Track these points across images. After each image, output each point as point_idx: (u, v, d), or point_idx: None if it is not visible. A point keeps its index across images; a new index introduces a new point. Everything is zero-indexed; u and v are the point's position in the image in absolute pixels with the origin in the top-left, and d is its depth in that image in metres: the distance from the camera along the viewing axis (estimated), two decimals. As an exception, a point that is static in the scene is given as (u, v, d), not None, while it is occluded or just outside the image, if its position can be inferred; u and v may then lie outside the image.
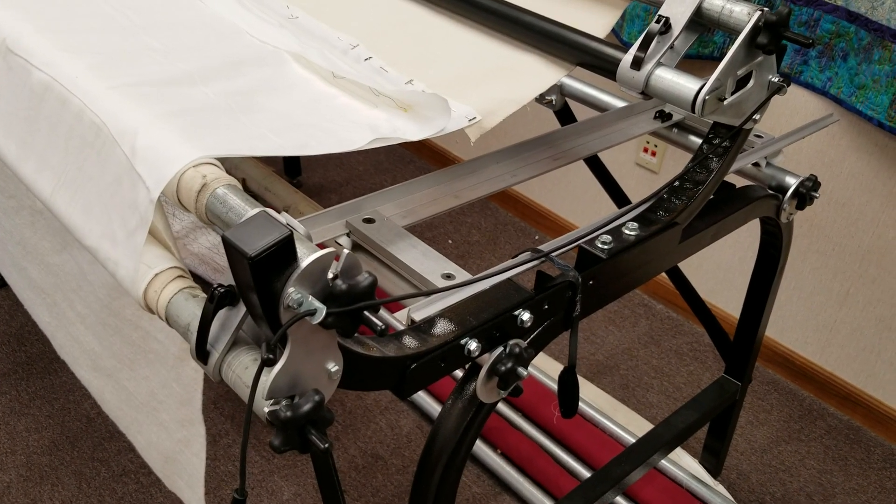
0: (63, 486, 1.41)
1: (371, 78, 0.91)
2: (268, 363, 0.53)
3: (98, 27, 0.88)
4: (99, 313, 0.93)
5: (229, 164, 1.52)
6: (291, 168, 2.36)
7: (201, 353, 0.60)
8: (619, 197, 1.42)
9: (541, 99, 1.36)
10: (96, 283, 0.91)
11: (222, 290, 0.58)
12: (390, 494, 1.46)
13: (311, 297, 0.53)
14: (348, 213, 0.85)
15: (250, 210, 0.60)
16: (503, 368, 0.73)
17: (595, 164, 1.40)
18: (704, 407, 1.34)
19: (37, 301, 1.13)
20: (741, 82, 0.83)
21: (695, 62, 1.66)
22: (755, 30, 0.79)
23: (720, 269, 1.88)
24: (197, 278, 1.83)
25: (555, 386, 1.63)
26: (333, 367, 0.59)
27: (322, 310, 0.52)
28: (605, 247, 0.83)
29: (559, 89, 1.33)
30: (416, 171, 2.47)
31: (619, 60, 0.85)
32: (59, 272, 1.01)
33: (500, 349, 0.74)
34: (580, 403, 1.61)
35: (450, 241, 2.16)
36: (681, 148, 1.16)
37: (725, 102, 0.82)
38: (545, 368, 1.66)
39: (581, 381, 1.76)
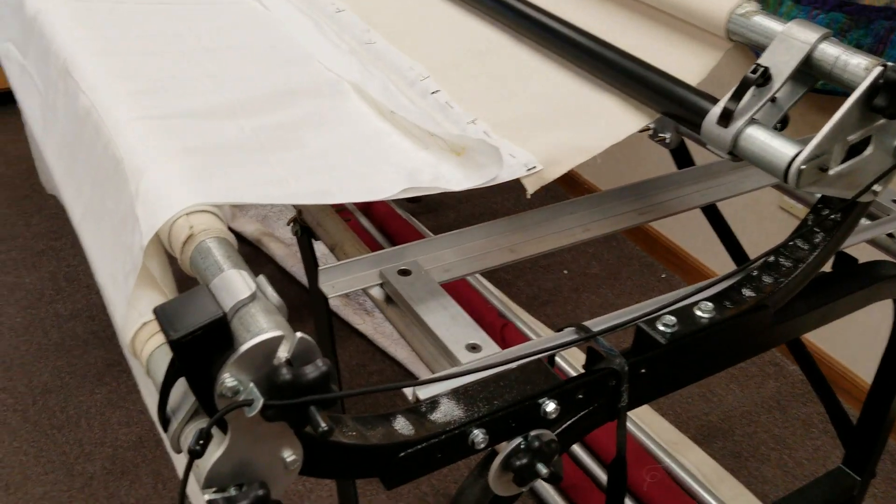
0: (140, 484, 1.44)
1: (431, 116, 0.84)
2: (194, 455, 0.47)
3: (159, 50, 0.86)
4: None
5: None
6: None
7: (162, 419, 0.55)
8: (737, 253, 1.26)
9: (654, 135, 1.23)
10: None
11: (185, 356, 0.53)
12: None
13: (251, 385, 0.47)
14: (386, 262, 0.78)
15: (225, 270, 0.54)
16: (518, 464, 0.64)
17: (711, 212, 1.25)
18: (816, 500, 1.17)
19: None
20: (856, 146, 0.69)
21: (829, 99, 1.46)
22: (873, 89, 0.65)
23: (867, 332, 1.65)
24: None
25: (653, 447, 1.50)
26: (290, 456, 0.52)
27: (259, 401, 0.46)
28: (668, 330, 0.71)
29: (675, 127, 1.20)
30: (540, 192, 2.38)
31: (707, 112, 0.73)
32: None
33: (518, 441, 0.64)
34: (678, 469, 1.46)
35: (565, 272, 2.05)
36: (803, 203, 1.00)
37: (831, 172, 0.68)
38: (645, 426, 1.53)
39: (687, 443, 1.61)
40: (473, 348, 0.69)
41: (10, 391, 1.62)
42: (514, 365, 0.66)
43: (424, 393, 0.64)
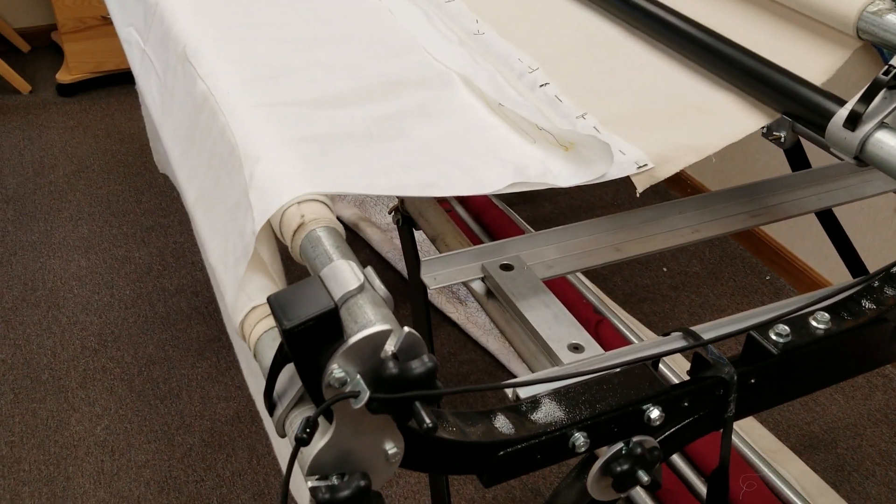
0: (236, 458, 1.49)
1: (539, 109, 0.82)
2: (301, 442, 0.48)
3: (273, 37, 0.88)
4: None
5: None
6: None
7: (268, 404, 0.56)
8: (853, 262, 1.20)
9: (768, 133, 1.18)
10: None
11: (291, 344, 0.54)
12: (543, 536, 1.38)
13: (357, 377, 0.47)
14: (487, 256, 0.78)
15: (334, 260, 0.55)
16: (618, 469, 0.63)
17: (826, 218, 1.19)
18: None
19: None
20: None
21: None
22: None
23: None
24: (393, 271, 1.86)
25: (751, 455, 1.44)
26: (392, 448, 0.52)
27: (365, 394, 0.46)
28: (780, 340, 0.68)
29: (790, 125, 1.14)
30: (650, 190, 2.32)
31: (834, 114, 0.69)
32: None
33: (620, 446, 0.63)
34: (776, 479, 1.41)
35: (664, 269, 2.00)
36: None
37: (971, 182, 0.64)
38: (744, 434, 1.47)
39: (787, 453, 1.54)
40: (576, 348, 0.68)
41: (117, 360, 1.70)
42: (618, 369, 0.65)
43: (525, 392, 0.63)
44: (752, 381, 0.67)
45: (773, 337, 0.68)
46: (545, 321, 0.70)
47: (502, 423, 0.60)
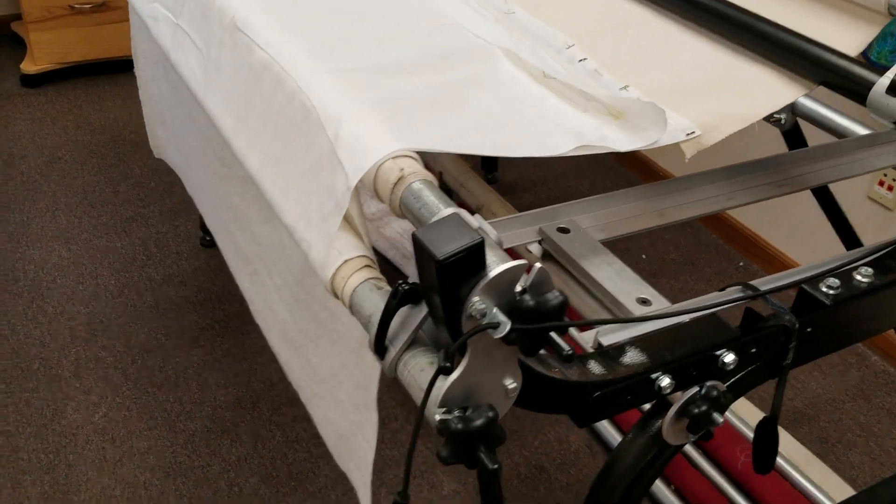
0: (241, 443, 1.49)
1: (583, 81, 0.86)
2: (444, 371, 0.50)
3: (321, 11, 0.90)
4: (293, 287, 0.96)
5: (427, 157, 1.53)
6: (488, 163, 2.35)
7: (379, 348, 0.58)
8: (848, 235, 1.27)
9: (769, 117, 1.24)
10: (293, 258, 0.94)
11: (406, 288, 0.56)
12: (550, 510, 1.41)
13: (495, 310, 0.49)
14: (542, 220, 0.80)
15: (443, 209, 0.58)
16: (696, 411, 0.66)
17: (823, 196, 1.26)
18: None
19: (240, 266, 1.18)
20: None
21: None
22: None
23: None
24: (385, 261, 1.87)
25: (744, 427, 1.51)
26: (511, 384, 0.55)
27: (506, 324, 0.49)
28: (831, 292, 0.73)
29: (791, 108, 1.21)
30: (615, 178, 2.39)
31: (872, 83, 0.74)
32: (263, 241, 1.05)
33: (696, 389, 0.67)
34: (769, 451, 1.47)
35: (643, 257, 2.06)
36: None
37: None
38: (736, 409, 1.54)
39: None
40: (644, 302, 0.71)
41: (109, 349, 1.68)
42: (688, 318, 0.69)
43: (607, 340, 0.66)
44: (809, 330, 0.72)
45: (825, 289, 0.73)
46: (609, 278, 0.74)
47: (594, 367, 0.63)
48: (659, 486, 1.42)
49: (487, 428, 0.52)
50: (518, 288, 0.51)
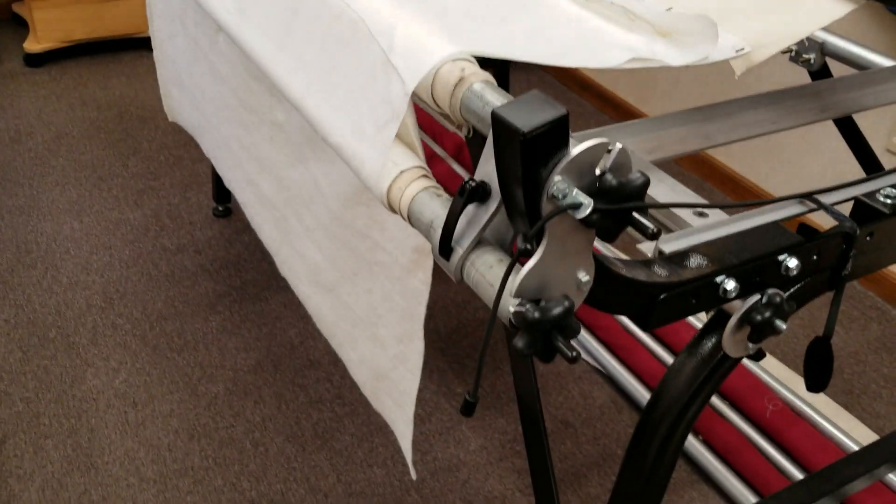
0: (264, 404, 1.47)
1: (627, 2, 0.84)
2: (524, 254, 0.49)
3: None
4: (328, 226, 0.94)
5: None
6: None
7: (444, 250, 0.57)
8: (874, 170, 1.26)
9: (797, 57, 1.23)
10: (329, 195, 0.92)
11: (474, 184, 0.55)
12: (578, 463, 1.40)
13: (576, 191, 0.48)
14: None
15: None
16: (759, 318, 0.65)
17: (849, 129, 1.25)
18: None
19: (266, 216, 1.17)
20: None
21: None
22: None
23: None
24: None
25: (769, 379, 1.50)
26: (584, 276, 0.54)
27: (589, 204, 0.47)
28: (890, 201, 0.72)
29: (820, 47, 1.19)
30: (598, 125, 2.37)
31: (928, -10, 0.73)
32: (292, 185, 1.03)
33: (758, 296, 0.65)
34: (797, 401, 1.47)
35: (660, 219, 2.05)
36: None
37: None
38: (761, 363, 1.53)
39: (798, 380, 1.61)
40: (701, 214, 0.70)
41: (126, 317, 1.66)
42: (748, 226, 0.68)
43: (669, 247, 0.65)
44: (868, 238, 0.71)
45: (882, 199, 0.72)
46: (665, 194, 0.72)
47: (660, 271, 0.62)
48: (689, 439, 1.41)
49: (565, 316, 0.51)
50: (598, 171, 0.49)
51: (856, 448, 1.36)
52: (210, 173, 2.03)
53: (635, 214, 0.49)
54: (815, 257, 0.68)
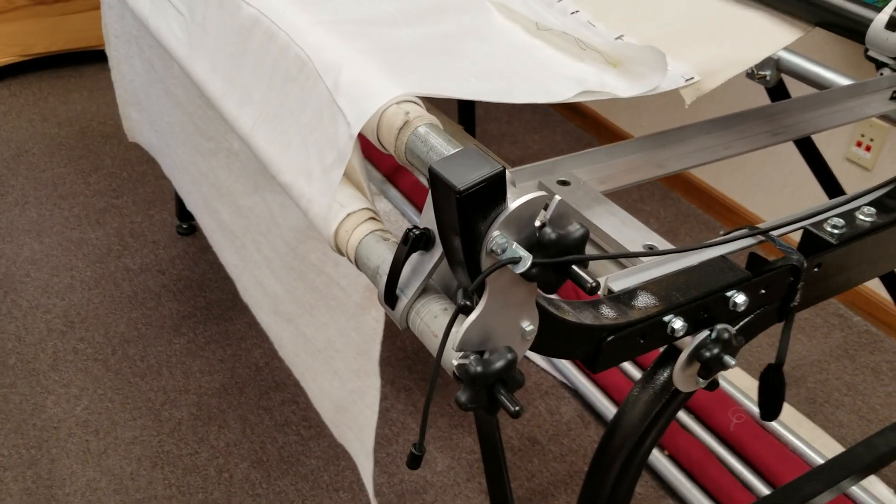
0: (229, 429, 1.46)
1: (578, 31, 0.85)
2: (463, 310, 0.48)
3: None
4: (284, 257, 0.93)
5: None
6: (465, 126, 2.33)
7: (390, 298, 0.56)
8: (831, 187, 1.27)
9: (753, 74, 1.24)
10: (284, 226, 0.91)
11: (417, 233, 0.54)
12: (546, 481, 1.40)
13: (515, 245, 0.48)
14: (542, 174, 0.79)
15: (452, 150, 0.56)
16: (708, 354, 0.65)
17: (807, 149, 1.26)
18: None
19: (226, 243, 1.15)
20: None
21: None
22: None
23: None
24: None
25: (734, 391, 1.51)
26: (528, 326, 0.53)
27: (527, 258, 0.47)
28: (836, 231, 0.72)
29: (775, 64, 1.20)
30: (566, 135, 2.38)
31: (870, 20, 0.74)
32: (250, 214, 1.02)
33: (707, 332, 0.66)
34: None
35: (626, 229, 2.06)
36: None
37: None
38: (725, 372, 1.54)
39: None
40: (651, 248, 0.70)
41: (88, 341, 1.64)
42: (695, 259, 0.68)
43: (617, 286, 0.65)
44: (816, 269, 0.72)
45: (830, 229, 0.73)
46: (615, 227, 0.73)
47: (607, 311, 0.62)
48: (653, 453, 1.42)
49: (508, 369, 0.51)
50: (537, 223, 0.49)
51: (819, 460, 1.37)
52: (174, 190, 2.01)
53: (574, 268, 0.48)
54: (763, 291, 0.68)
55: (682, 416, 1.48)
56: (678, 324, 0.63)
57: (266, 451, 1.42)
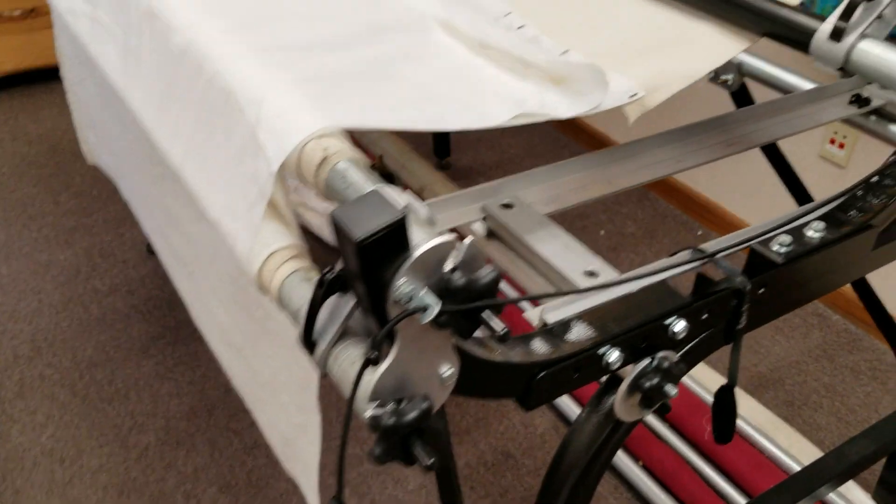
0: (197, 453, 1.44)
1: (523, 47, 0.82)
2: (370, 363, 0.46)
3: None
4: (228, 287, 0.91)
5: (369, 140, 1.49)
6: (441, 148, 2.31)
7: (308, 342, 0.54)
8: (799, 193, 1.26)
9: (715, 78, 1.22)
10: (226, 257, 0.89)
11: (332, 276, 0.52)
12: (519, 497, 1.38)
13: (423, 291, 0.46)
14: (486, 197, 0.77)
15: (368, 188, 0.54)
16: (647, 385, 0.63)
17: (773, 154, 1.24)
18: (884, 438, 1.17)
19: (178, 269, 1.13)
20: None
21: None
22: None
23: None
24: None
25: (709, 397, 1.49)
26: (447, 370, 0.51)
27: (434, 307, 0.45)
28: (783, 249, 0.70)
29: (737, 67, 1.18)
30: (571, 156, 2.36)
31: (815, 31, 0.72)
32: (197, 243, 1.00)
33: (646, 361, 0.64)
34: (737, 419, 1.46)
35: (602, 232, 2.04)
36: (879, 139, 0.99)
37: (949, 82, 0.67)
38: (700, 378, 1.52)
39: (740, 394, 1.60)
40: (591, 274, 0.68)
41: (55, 367, 1.61)
42: (636, 286, 0.66)
43: (552, 317, 0.63)
44: (762, 290, 0.69)
45: (776, 248, 0.70)
46: (556, 252, 0.70)
47: (539, 346, 0.59)
48: (626, 463, 1.40)
49: (422, 420, 0.48)
50: (450, 265, 0.47)
51: (796, 467, 1.35)
52: (143, 208, 1.98)
53: (484, 315, 0.46)
54: (705, 316, 0.66)
55: (656, 424, 1.46)
56: (614, 356, 0.61)
57: (234, 474, 1.40)
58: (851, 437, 1.14)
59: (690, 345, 0.67)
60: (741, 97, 1.22)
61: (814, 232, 0.72)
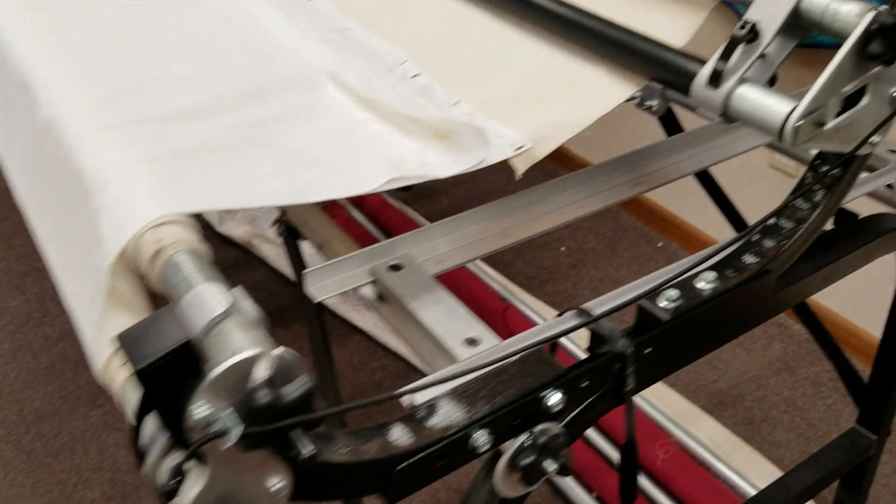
0: (145, 506, 1.41)
1: (412, 100, 0.80)
2: (168, 496, 0.43)
3: (125, 53, 0.82)
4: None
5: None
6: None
7: (138, 454, 0.51)
8: (734, 218, 1.23)
9: (640, 104, 1.19)
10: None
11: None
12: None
13: (225, 413, 0.43)
14: (377, 258, 0.74)
15: (198, 284, 0.51)
16: (524, 462, 0.60)
17: (705, 179, 1.21)
18: (831, 464, 1.14)
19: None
20: (851, 98, 0.65)
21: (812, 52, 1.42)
22: (867, 36, 0.61)
23: (869, 285, 1.62)
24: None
25: (664, 421, 1.47)
26: (277, 484, 0.48)
27: (236, 430, 0.42)
28: (670, 305, 0.67)
29: (661, 93, 1.16)
30: (533, 168, 2.33)
31: (695, 74, 0.69)
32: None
33: (523, 437, 0.61)
34: (691, 441, 1.43)
35: (562, 249, 2.01)
36: (803, 164, 0.96)
37: (827, 127, 0.64)
38: (655, 402, 1.49)
39: (698, 413, 1.57)
40: (472, 342, 0.65)
41: (1, 421, 1.58)
42: (514, 357, 0.63)
43: (423, 397, 0.60)
44: (649, 350, 0.67)
45: (663, 304, 0.67)
46: (439, 318, 0.68)
47: (399, 435, 0.56)
48: (579, 494, 1.37)
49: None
50: (259, 380, 0.44)
51: (752, 491, 1.33)
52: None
53: (293, 434, 0.43)
54: (586, 384, 0.63)
55: (610, 451, 1.43)
56: (482, 438, 0.58)
57: (182, 526, 1.37)
58: (796, 465, 1.12)
59: (575, 412, 0.64)
60: (669, 121, 1.19)
61: (704, 283, 0.69)
